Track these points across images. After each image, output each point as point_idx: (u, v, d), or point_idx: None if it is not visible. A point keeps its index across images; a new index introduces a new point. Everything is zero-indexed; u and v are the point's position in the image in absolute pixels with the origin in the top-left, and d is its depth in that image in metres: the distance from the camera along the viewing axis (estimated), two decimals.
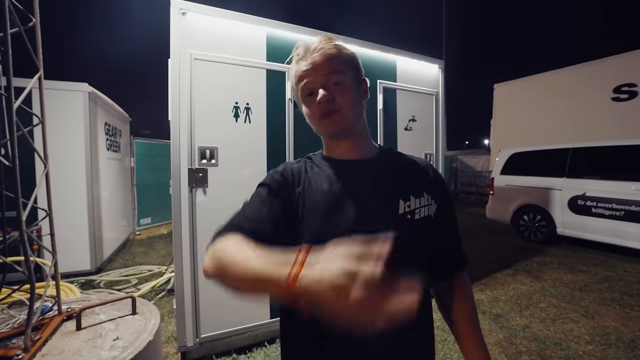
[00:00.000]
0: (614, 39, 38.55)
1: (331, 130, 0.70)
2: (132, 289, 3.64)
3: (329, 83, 0.68)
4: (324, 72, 0.67)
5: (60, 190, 3.78)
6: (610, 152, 4.77)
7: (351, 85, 0.70)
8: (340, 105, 0.68)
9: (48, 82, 3.67)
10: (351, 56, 0.72)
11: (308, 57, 0.69)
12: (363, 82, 0.76)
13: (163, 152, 7.35)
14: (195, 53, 2.11)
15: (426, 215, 0.72)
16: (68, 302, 1.93)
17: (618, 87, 5.63)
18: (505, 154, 6.15)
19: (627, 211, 4.38)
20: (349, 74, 0.70)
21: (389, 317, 0.35)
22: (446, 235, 0.78)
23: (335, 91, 0.68)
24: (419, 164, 0.80)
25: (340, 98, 0.68)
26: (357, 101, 0.71)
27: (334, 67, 0.68)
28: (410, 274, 0.57)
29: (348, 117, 0.69)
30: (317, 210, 0.68)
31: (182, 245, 2.13)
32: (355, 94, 0.71)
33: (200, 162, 2.16)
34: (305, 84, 0.69)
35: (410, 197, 0.71)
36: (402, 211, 0.69)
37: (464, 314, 0.77)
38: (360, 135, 0.75)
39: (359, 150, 0.75)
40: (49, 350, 1.41)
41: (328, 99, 0.67)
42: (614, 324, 2.77)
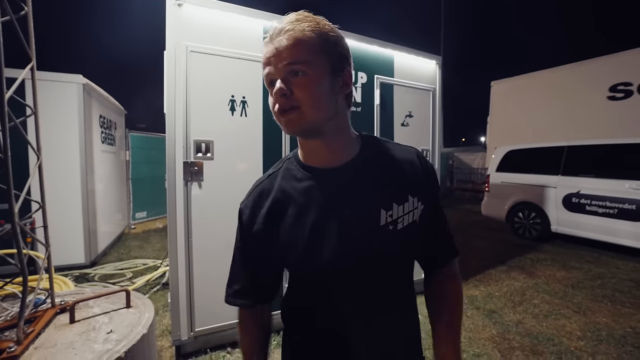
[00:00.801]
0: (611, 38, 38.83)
1: (289, 130, 0.61)
2: (127, 282, 3.63)
3: (289, 75, 0.58)
4: (285, 61, 0.57)
5: (55, 183, 3.74)
6: (605, 150, 4.81)
7: (317, 77, 0.58)
8: (300, 101, 0.57)
9: (41, 73, 3.62)
10: (326, 40, 0.60)
11: (274, 40, 0.58)
12: (345, 71, 0.64)
13: (159, 145, 7.29)
14: (191, 45, 2.08)
15: (410, 222, 0.66)
16: (62, 295, 1.92)
17: (614, 86, 5.65)
18: (501, 151, 6.18)
19: (621, 209, 4.43)
20: (318, 63, 0.58)
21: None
22: (432, 230, 0.74)
23: (294, 85, 0.57)
24: (404, 158, 0.71)
25: (299, 92, 0.57)
26: (324, 96, 0.59)
27: (297, 55, 0.57)
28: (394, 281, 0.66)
29: (308, 116, 0.58)
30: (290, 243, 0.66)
31: (177, 239, 2.12)
32: (323, 87, 0.59)
33: (195, 156, 2.15)
34: (267, 74, 0.60)
35: (392, 205, 0.64)
36: (383, 222, 0.64)
37: (447, 308, 0.75)
38: (335, 135, 0.65)
39: (334, 153, 0.66)
40: (42, 343, 1.41)
41: (284, 93, 0.57)
42: (605, 320, 2.81)
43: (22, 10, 1.46)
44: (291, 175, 0.70)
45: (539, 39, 64.44)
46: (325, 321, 0.69)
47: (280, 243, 0.67)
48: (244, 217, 0.72)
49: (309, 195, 0.66)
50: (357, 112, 2.74)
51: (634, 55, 5.46)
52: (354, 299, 0.67)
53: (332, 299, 0.68)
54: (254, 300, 0.74)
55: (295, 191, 0.67)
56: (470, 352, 2.34)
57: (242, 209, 0.73)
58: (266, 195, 0.70)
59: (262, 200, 0.70)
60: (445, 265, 0.76)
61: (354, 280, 0.66)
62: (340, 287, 0.66)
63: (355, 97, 2.73)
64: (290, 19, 0.60)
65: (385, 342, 0.68)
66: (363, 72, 2.76)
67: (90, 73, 4.14)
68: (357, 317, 0.67)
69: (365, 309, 0.67)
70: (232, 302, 0.75)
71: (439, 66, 3.33)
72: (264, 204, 0.69)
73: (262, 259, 0.71)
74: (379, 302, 0.68)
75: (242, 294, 0.74)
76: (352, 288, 0.66)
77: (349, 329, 0.67)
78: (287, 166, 0.72)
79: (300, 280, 0.73)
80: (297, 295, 0.75)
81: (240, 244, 0.74)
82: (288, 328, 0.78)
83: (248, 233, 0.71)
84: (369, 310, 0.67)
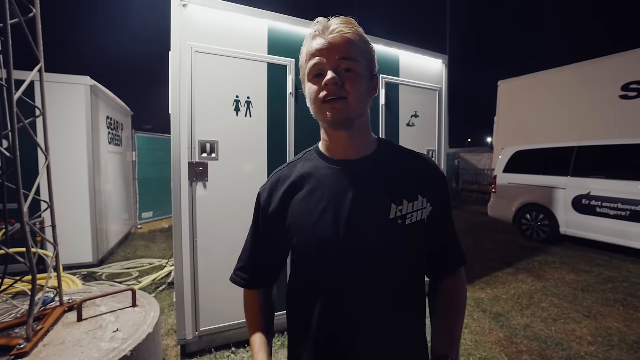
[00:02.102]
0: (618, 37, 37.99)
1: (331, 117, 0.64)
2: (133, 281, 3.67)
3: (341, 68, 0.64)
4: (338, 56, 0.63)
5: (63, 183, 3.80)
6: (617, 151, 4.70)
7: (363, 76, 0.66)
8: (348, 93, 0.63)
9: (50, 75, 3.68)
10: (370, 47, 0.68)
11: (326, 35, 0.64)
12: (375, 77, 0.71)
13: (165, 146, 7.36)
14: (196, 46, 2.09)
15: (419, 219, 0.69)
16: (70, 294, 1.95)
17: (627, 85, 5.52)
18: (508, 151, 6.10)
19: (633, 211, 4.33)
20: (363, 65, 0.66)
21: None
22: (439, 236, 0.75)
23: (346, 78, 0.63)
24: (417, 162, 0.75)
25: (349, 86, 0.63)
26: (364, 94, 0.67)
27: (349, 53, 0.63)
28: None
29: (352, 108, 0.64)
30: (302, 223, 0.70)
31: (182, 239, 2.13)
32: (364, 86, 0.66)
33: (200, 156, 2.16)
34: (316, 64, 0.64)
35: (403, 201, 0.68)
36: (393, 216, 0.67)
37: (451, 314, 0.76)
38: (360, 130, 0.71)
39: (356, 147, 0.72)
40: (51, 341, 1.42)
41: (336, 83, 0.62)
42: (617, 325, 2.75)
43: (31, 12, 1.49)
44: (310, 165, 0.75)
45: (548, 37, 63.44)
46: (327, 309, 0.70)
47: (291, 223, 0.71)
48: (262, 200, 0.77)
49: (324, 182, 0.71)
50: None
51: None
52: (356, 291, 0.68)
53: (336, 292, 0.69)
54: (252, 278, 0.80)
55: (311, 178, 0.72)
56: (476, 355, 2.31)
57: (260, 193, 0.78)
58: (283, 181, 0.75)
59: (279, 185, 0.75)
60: (453, 273, 0.78)
61: (357, 271, 0.67)
62: (344, 277, 0.68)
63: None
64: (340, 21, 0.66)
65: (386, 337, 0.69)
66: None
67: (97, 75, 4.20)
68: (359, 307, 0.68)
69: (367, 302, 0.68)
70: (233, 278, 0.81)
71: (445, 65, 3.30)
72: (280, 188, 0.74)
73: (272, 241, 0.76)
74: (382, 296, 0.69)
75: (243, 271, 0.80)
76: (355, 279, 0.68)
77: (350, 318, 0.68)
78: (307, 157, 0.78)
79: (305, 268, 0.74)
80: (300, 281, 0.77)
81: (254, 225, 0.79)
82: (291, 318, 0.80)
83: (264, 215, 0.76)
84: (371, 303, 0.68)
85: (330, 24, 0.65)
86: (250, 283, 0.80)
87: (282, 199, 0.73)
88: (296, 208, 0.71)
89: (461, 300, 0.78)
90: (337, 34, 0.63)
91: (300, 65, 0.72)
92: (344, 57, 0.63)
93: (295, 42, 2.45)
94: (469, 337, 2.52)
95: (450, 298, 0.77)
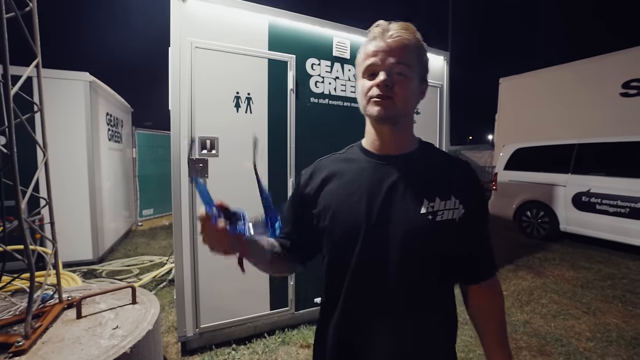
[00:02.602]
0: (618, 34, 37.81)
1: (377, 113, 0.70)
2: (134, 279, 3.67)
3: (393, 71, 0.68)
4: (393, 59, 0.68)
5: (62, 180, 3.78)
6: (618, 148, 4.70)
7: (411, 80, 0.70)
8: (396, 94, 0.68)
9: (48, 70, 3.65)
10: (424, 53, 0.73)
11: (384, 38, 0.69)
12: (425, 83, 0.76)
13: (165, 143, 7.32)
14: (196, 41, 2.07)
15: (450, 218, 0.71)
16: (69, 291, 1.94)
17: (627, 82, 5.50)
18: (509, 149, 6.09)
19: (633, 208, 4.33)
20: (415, 70, 0.70)
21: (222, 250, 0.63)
22: (471, 242, 0.76)
23: (397, 81, 0.68)
24: (455, 166, 0.78)
25: (398, 88, 0.68)
26: (411, 96, 0.72)
27: (404, 57, 0.68)
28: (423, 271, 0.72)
29: (397, 108, 0.69)
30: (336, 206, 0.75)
31: (182, 236, 2.12)
32: (413, 89, 0.71)
33: (200, 153, 2.14)
34: (371, 64, 0.70)
35: (435, 198, 0.71)
36: (424, 211, 0.70)
37: (489, 322, 0.78)
38: (403, 128, 0.76)
39: (397, 143, 0.76)
40: (50, 338, 1.42)
41: (387, 85, 0.67)
42: (615, 321, 2.76)
43: (27, 6, 1.47)
44: (351, 157, 0.81)
45: (549, 35, 63.26)
46: (352, 299, 0.73)
47: (325, 205, 0.77)
48: (301, 180, 0.84)
49: (362, 174, 0.76)
50: None
51: None
52: (380, 278, 0.71)
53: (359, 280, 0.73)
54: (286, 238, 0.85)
55: (351, 168, 0.78)
56: (477, 352, 2.32)
57: (301, 174, 0.86)
58: (325, 167, 0.82)
59: (320, 170, 0.82)
60: (488, 279, 0.79)
61: (384, 259, 0.70)
62: (370, 263, 0.71)
63: None
64: (400, 26, 0.70)
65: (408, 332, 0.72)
66: None
67: (97, 72, 4.17)
68: (378, 296, 0.71)
69: (386, 293, 0.71)
70: None
71: (446, 62, 3.28)
72: (320, 174, 0.81)
73: (306, 216, 0.81)
74: (406, 290, 0.71)
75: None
76: (381, 267, 0.70)
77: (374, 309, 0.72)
78: (350, 150, 0.85)
79: (335, 250, 0.77)
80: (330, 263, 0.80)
81: (291, 201, 0.88)
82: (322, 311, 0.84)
83: (301, 193, 0.83)
84: (395, 296, 0.71)
85: (390, 27, 0.69)
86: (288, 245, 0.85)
87: (321, 183, 0.79)
88: (333, 192, 0.77)
89: (498, 307, 0.79)
90: (396, 39, 0.68)
91: (357, 63, 0.76)
92: (399, 61, 0.68)
93: (296, 37, 2.43)
94: (468, 333, 2.52)
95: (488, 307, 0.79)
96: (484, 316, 0.79)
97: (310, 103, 2.50)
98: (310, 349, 2.30)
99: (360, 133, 0.87)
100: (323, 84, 2.54)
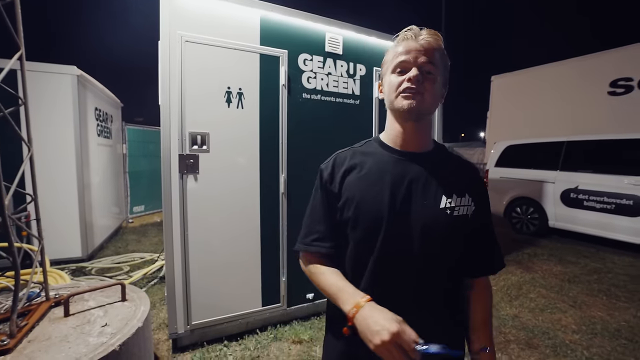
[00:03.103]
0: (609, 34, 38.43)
1: (408, 106, 0.74)
2: (124, 276, 3.62)
3: (424, 69, 0.73)
4: (423, 59, 0.73)
5: (50, 176, 3.71)
6: (604, 146, 4.79)
7: (437, 81, 0.76)
8: (426, 89, 0.73)
9: (34, 64, 3.57)
10: (448, 61, 0.79)
11: (418, 40, 0.75)
12: (446, 87, 0.81)
13: (156, 139, 7.21)
14: (186, 35, 2.04)
15: (464, 214, 0.77)
16: (56, 289, 1.91)
17: (615, 81, 5.61)
18: (500, 146, 6.16)
19: (618, 204, 4.43)
20: (441, 73, 0.76)
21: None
22: (479, 238, 0.82)
23: (426, 78, 0.74)
24: (466, 166, 0.86)
25: (427, 84, 0.74)
26: (437, 97, 0.77)
27: (433, 59, 0.74)
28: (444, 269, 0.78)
29: (426, 103, 0.74)
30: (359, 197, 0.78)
31: (173, 232, 2.10)
32: (438, 90, 0.77)
33: (191, 148, 2.12)
34: (403, 61, 0.75)
35: (453, 195, 0.77)
36: (442, 206, 0.75)
37: (478, 314, 0.85)
38: (424, 126, 0.81)
39: (418, 140, 0.81)
40: (36, 336, 1.39)
41: (418, 80, 0.72)
42: (600, 314, 2.83)
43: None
44: (371, 150, 0.85)
45: (541, 34, 64.04)
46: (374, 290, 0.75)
47: (348, 197, 0.79)
48: (324, 175, 0.86)
49: (383, 167, 0.79)
50: (355, 104, 2.70)
51: (635, 50, 5.42)
52: (398, 273, 0.76)
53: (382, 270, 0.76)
54: (333, 244, 0.84)
55: (371, 162, 0.81)
56: None
57: (322, 169, 0.87)
58: (345, 161, 0.85)
59: (340, 164, 0.85)
60: (492, 273, 0.86)
61: (403, 249, 0.75)
62: (388, 255, 0.76)
63: (353, 90, 2.69)
64: (429, 32, 0.75)
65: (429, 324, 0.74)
66: (362, 64, 2.71)
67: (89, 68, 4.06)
68: (400, 288, 0.76)
69: (408, 284, 0.76)
70: (312, 249, 0.85)
71: None
72: (341, 167, 0.84)
73: (333, 210, 0.84)
74: (427, 282, 0.76)
75: (323, 240, 0.84)
76: (398, 260, 0.75)
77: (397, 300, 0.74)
78: (368, 144, 0.87)
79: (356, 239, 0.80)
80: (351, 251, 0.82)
81: (320, 198, 0.86)
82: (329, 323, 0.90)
83: (326, 188, 0.85)
84: (411, 287, 0.76)
85: (422, 32, 0.76)
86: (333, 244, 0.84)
87: (343, 176, 0.82)
88: (355, 184, 0.80)
89: (490, 296, 0.88)
90: (426, 42, 0.74)
91: (385, 61, 0.81)
92: (429, 61, 0.73)
93: (289, 32, 2.41)
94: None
95: (484, 296, 0.86)
96: (482, 304, 0.86)
97: (302, 99, 2.48)
98: (302, 344, 2.31)
99: (352, 129, 0.89)
100: (315, 79, 2.52)
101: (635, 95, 5.35)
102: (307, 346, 2.29)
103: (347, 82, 2.65)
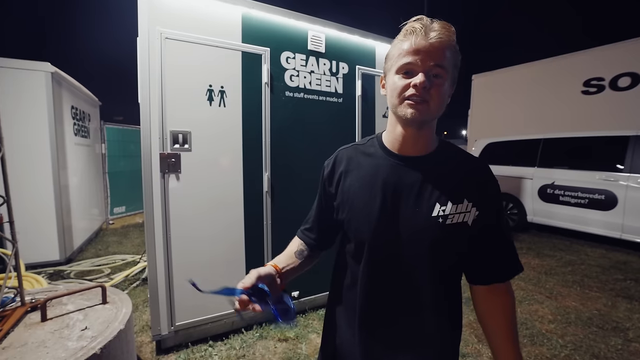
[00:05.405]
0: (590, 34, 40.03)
1: (411, 116, 0.68)
2: (105, 278, 3.53)
3: (431, 73, 0.67)
4: (432, 62, 0.66)
5: (25, 177, 3.56)
6: (578, 143, 5.02)
7: (445, 83, 0.69)
8: (432, 97, 0.67)
9: (5, 60, 3.42)
10: (459, 56, 0.71)
11: (427, 37, 0.66)
12: (453, 86, 0.74)
13: (137, 138, 6.98)
14: (166, 32, 2.00)
15: (461, 221, 0.71)
16: (33, 293, 1.85)
17: (588, 81, 5.85)
18: (480, 143, 6.33)
19: (591, 199, 4.65)
20: (450, 73, 0.69)
21: None
22: (485, 243, 0.75)
23: (433, 83, 0.67)
24: (471, 166, 0.78)
25: (434, 91, 0.67)
26: (444, 100, 0.70)
27: (442, 60, 0.66)
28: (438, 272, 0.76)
29: (431, 111, 0.69)
30: (353, 201, 0.79)
31: (155, 232, 2.07)
32: (445, 92, 0.70)
33: (172, 147, 2.08)
34: (409, 62, 0.67)
35: (448, 202, 0.72)
36: (435, 214, 0.71)
37: (499, 325, 0.76)
38: (428, 130, 0.76)
39: (418, 144, 0.76)
40: (11, 343, 1.35)
41: (425, 87, 0.66)
42: (574, 304, 2.97)
43: None
44: (371, 152, 0.82)
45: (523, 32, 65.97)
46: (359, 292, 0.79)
47: (343, 199, 0.81)
48: (325, 173, 0.88)
49: (380, 172, 0.77)
50: (339, 102, 2.72)
51: (606, 51, 5.67)
52: (387, 279, 0.76)
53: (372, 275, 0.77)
54: (317, 237, 0.92)
55: (369, 164, 0.80)
56: (472, 346, 2.42)
57: (325, 166, 0.89)
58: (343, 159, 0.85)
59: (339, 162, 0.85)
60: (503, 282, 0.79)
61: (391, 258, 0.74)
62: (377, 261, 0.76)
63: (336, 88, 2.71)
64: (441, 26, 0.66)
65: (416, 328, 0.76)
66: (344, 63, 2.73)
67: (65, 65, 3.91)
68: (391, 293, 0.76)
69: (398, 291, 0.76)
70: (299, 235, 0.95)
71: None
72: (340, 166, 0.84)
73: (331, 209, 0.86)
74: (415, 288, 0.75)
75: (310, 231, 0.93)
76: (388, 266, 0.75)
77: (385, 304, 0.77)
78: (371, 143, 0.85)
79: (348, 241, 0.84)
80: (343, 251, 0.88)
81: (319, 194, 0.91)
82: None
83: (324, 187, 0.88)
84: (405, 292, 0.75)
85: (433, 26, 0.66)
86: (318, 244, 0.92)
87: (340, 177, 0.83)
88: (351, 186, 0.80)
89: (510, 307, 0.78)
90: (437, 40, 0.65)
91: (389, 56, 0.74)
92: (438, 64, 0.66)
93: (271, 30, 2.40)
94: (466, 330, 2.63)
95: (499, 305, 0.78)
96: (493, 320, 0.78)
97: (285, 97, 2.48)
98: (287, 342, 2.32)
99: (335, 127, 0.91)
100: (298, 77, 2.52)
101: (607, 94, 5.61)
102: (292, 344, 2.31)
103: (329, 81, 2.67)
